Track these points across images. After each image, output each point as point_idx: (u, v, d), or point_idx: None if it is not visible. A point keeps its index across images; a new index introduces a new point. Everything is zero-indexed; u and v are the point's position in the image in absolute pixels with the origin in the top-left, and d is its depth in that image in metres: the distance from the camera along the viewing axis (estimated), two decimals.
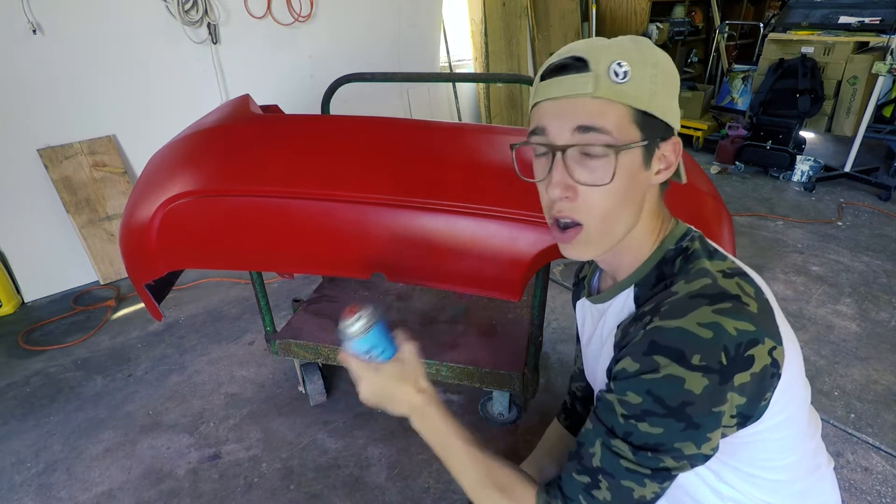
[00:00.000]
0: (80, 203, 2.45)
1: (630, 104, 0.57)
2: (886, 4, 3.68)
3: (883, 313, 2.20)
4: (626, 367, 0.56)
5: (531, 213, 1.09)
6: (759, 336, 0.53)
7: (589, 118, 0.57)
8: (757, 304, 0.56)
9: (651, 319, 0.56)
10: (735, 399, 0.53)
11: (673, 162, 0.62)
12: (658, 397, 0.53)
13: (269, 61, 2.94)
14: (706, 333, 0.52)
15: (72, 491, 1.49)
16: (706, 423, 0.53)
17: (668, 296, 0.58)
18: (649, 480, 0.56)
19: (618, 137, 0.57)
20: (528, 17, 4.01)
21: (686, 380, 0.52)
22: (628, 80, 0.56)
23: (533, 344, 1.46)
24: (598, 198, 0.59)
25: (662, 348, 0.54)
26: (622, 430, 0.56)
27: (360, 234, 1.16)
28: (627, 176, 0.59)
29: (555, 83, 0.59)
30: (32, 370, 1.98)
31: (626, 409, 0.56)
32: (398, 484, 1.48)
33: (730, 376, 0.52)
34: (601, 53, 0.57)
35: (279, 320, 2.15)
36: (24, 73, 2.22)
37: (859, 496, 1.44)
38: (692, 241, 0.64)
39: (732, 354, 0.52)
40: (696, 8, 5.16)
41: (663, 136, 0.60)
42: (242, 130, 1.29)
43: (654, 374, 0.54)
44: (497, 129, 1.31)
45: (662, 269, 0.64)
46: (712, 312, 0.53)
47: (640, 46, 0.59)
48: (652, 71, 0.58)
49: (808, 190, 3.48)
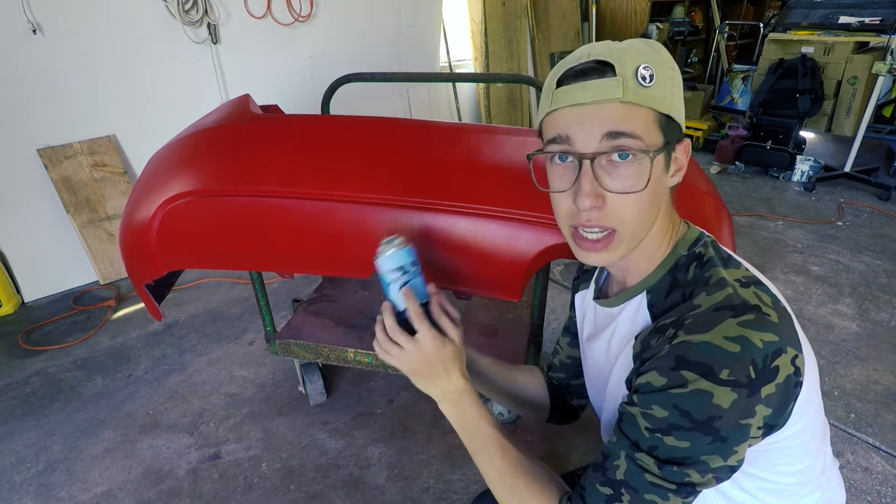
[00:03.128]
0: (80, 203, 2.45)
1: (656, 108, 0.56)
2: (886, 4, 3.68)
3: (883, 313, 2.20)
4: (651, 381, 0.55)
5: (531, 213, 1.09)
6: (782, 345, 0.53)
7: (619, 123, 0.55)
8: (777, 314, 0.55)
9: (676, 333, 0.55)
10: (762, 411, 0.53)
11: (684, 164, 0.62)
12: (685, 411, 0.53)
13: (269, 61, 2.94)
14: (734, 347, 0.51)
15: (72, 491, 1.49)
16: (734, 436, 0.53)
17: (690, 308, 0.56)
18: (673, 495, 0.55)
19: (647, 142, 0.56)
20: (528, 17, 4.01)
21: (714, 394, 0.51)
22: (654, 84, 0.55)
23: (533, 344, 1.46)
24: (629, 205, 0.57)
25: (690, 363, 0.52)
26: (647, 443, 0.55)
27: (360, 234, 1.16)
28: (655, 181, 0.58)
29: (578, 88, 0.56)
30: (32, 370, 1.98)
31: (651, 422, 0.55)
32: (398, 484, 1.48)
33: (757, 389, 0.52)
34: (624, 57, 0.55)
35: (279, 320, 2.15)
36: (24, 73, 2.22)
37: (859, 496, 1.44)
38: (705, 246, 0.63)
39: (760, 367, 0.52)
40: (696, 8, 5.17)
41: (678, 139, 0.60)
42: (242, 130, 1.29)
43: (682, 389, 0.52)
44: (497, 129, 1.31)
45: (676, 275, 0.62)
46: (738, 325, 0.52)
47: (657, 49, 0.59)
48: (671, 73, 0.58)
49: (808, 190, 3.48)
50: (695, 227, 0.67)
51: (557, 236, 1.08)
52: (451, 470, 1.52)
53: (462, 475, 1.50)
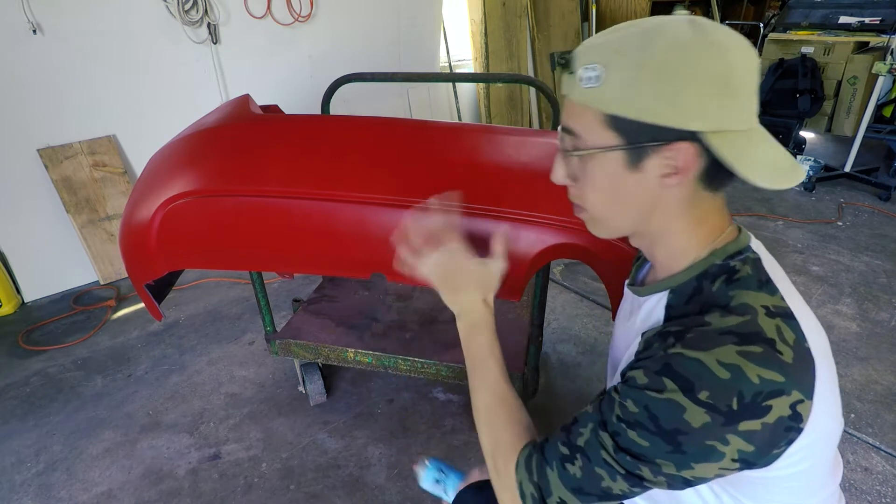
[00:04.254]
0: (80, 203, 2.45)
1: (600, 108, 0.56)
2: (886, 4, 3.68)
3: (883, 313, 2.20)
4: (635, 377, 0.56)
5: (531, 213, 1.09)
6: (785, 388, 0.50)
7: (567, 118, 0.60)
8: (793, 354, 0.52)
9: (674, 343, 0.55)
10: (738, 443, 0.51)
11: (682, 167, 0.55)
12: (654, 415, 0.53)
13: (269, 61, 2.94)
14: (723, 374, 0.50)
15: (72, 491, 1.49)
16: (694, 453, 0.52)
17: (698, 323, 0.55)
18: (621, 478, 0.56)
19: (588, 140, 0.58)
20: (528, 17, 4.01)
21: (687, 409, 0.51)
22: (600, 85, 0.55)
23: (533, 344, 1.46)
24: (586, 193, 0.62)
25: (674, 374, 0.52)
26: (612, 427, 0.57)
27: (360, 234, 1.16)
28: (607, 178, 0.59)
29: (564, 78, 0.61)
30: (32, 370, 1.98)
31: (622, 412, 0.56)
32: (398, 484, 1.48)
33: (735, 421, 0.50)
34: (586, 54, 0.57)
35: (279, 320, 2.15)
36: (23, 73, 2.22)
37: (859, 496, 1.44)
38: (744, 262, 0.58)
39: (747, 401, 0.50)
40: (696, 8, 5.16)
41: (661, 140, 0.54)
42: (242, 130, 1.29)
43: (657, 394, 0.53)
44: (497, 129, 1.31)
45: (702, 282, 0.60)
46: (737, 353, 0.50)
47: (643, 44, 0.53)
48: (639, 73, 0.52)
49: (808, 190, 3.48)
50: (745, 238, 0.62)
51: (557, 236, 1.08)
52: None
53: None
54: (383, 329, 1.68)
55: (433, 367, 1.53)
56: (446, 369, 1.53)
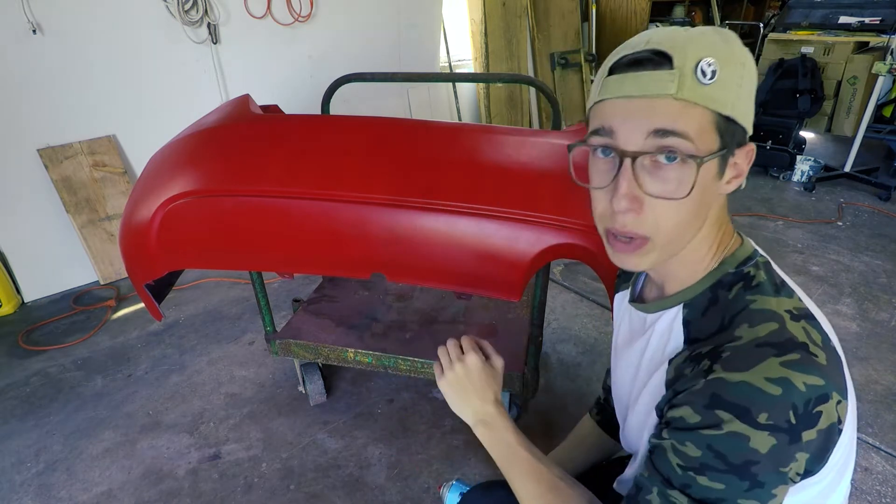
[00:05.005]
0: (80, 203, 2.45)
1: (715, 108, 0.50)
2: (886, 4, 3.68)
3: (883, 313, 2.20)
4: (684, 417, 0.52)
5: (531, 213, 1.09)
6: (828, 391, 0.49)
7: (669, 121, 0.50)
8: (825, 355, 0.51)
9: (712, 367, 0.51)
10: (803, 457, 0.50)
11: (744, 170, 0.56)
12: (720, 453, 0.49)
13: (269, 61, 2.94)
14: (774, 390, 0.47)
15: (72, 491, 1.49)
16: (772, 480, 0.49)
17: (730, 339, 0.52)
18: None
19: (699, 146, 0.51)
20: (528, 17, 4.01)
21: (752, 438, 0.48)
22: (715, 81, 0.50)
23: (533, 344, 1.46)
24: (669, 212, 0.53)
25: (726, 403, 0.49)
26: (680, 481, 0.52)
27: (360, 234, 1.16)
28: (702, 187, 0.52)
29: (630, 79, 0.51)
30: (32, 370, 1.98)
31: (684, 459, 0.51)
32: (398, 484, 1.48)
33: (798, 434, 0.48)
34: (687, 47, 0.50)
35: (279, 320, 2.15)
36: (23, 73, 2.22)
37: (859, 496, 1.44)
38: (756, 267, 0.57)
39: (801, 412, 0.48)
40: (696, 8, 5.16)
41: (740, 143, 0.54)
42: (242, 130, 1.29)
43: (717, 431, 0.49)
44: (497, 129, 1.31)
45: (717, 292, 0.58)
46: (780, 365, 0.48)
47: (728, 40, 0.52)
48: (740, 70, 0.51)
49: (808, 190, 3.48)
50: (749, 243, 0.61)
51: (557, 236, 1.08)
52: (451, 470, 1.52)
53: (462, 475, 1.50)
54: (383, 329, 1.68)
55: (433, 367, 1.52)
56: None
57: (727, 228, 0.61)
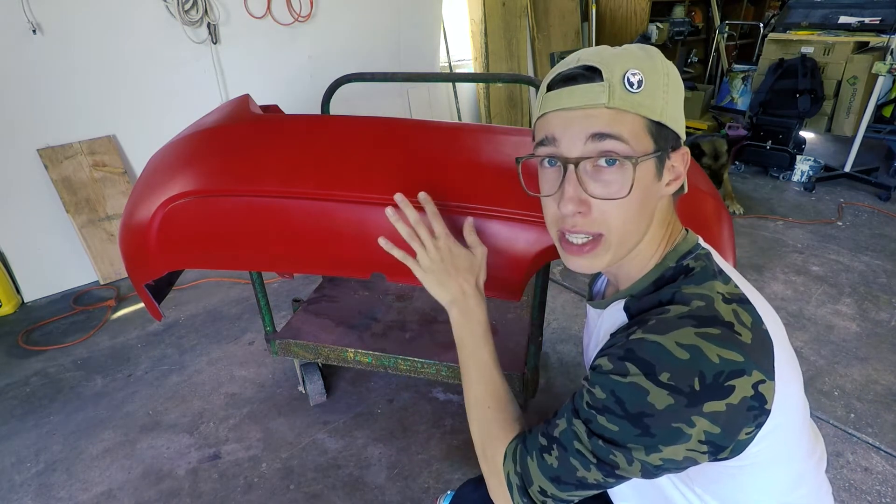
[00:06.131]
0: (80, 203, 2.45)
1: (644, 114, 0.56)
2: (886, 4, 3.68)
3: (883, 313, 2.20)
4: (601, 364, 0.58)
5: (531, 213, 1.09)
6: (746, 367, 0.52)
7: (605, 126, 0.56)
8: (752, 335, 0.54)
9: (636, 330, 0.56)
10: (704, 425, 0.52)
11: (682, 173, 0.61)
12: (620, 399, 0.54)
13: (269, 61, 2.94)
14: (682, 354, 0.52)
15: (72, 491, 1.49)
16: (663, 436, 0.53)
17: (658, 312, 0.57)
18: (594, 468, 0.57)
19: (634, 147, 0.56)
20: (528, 17, 4.01)
21: (650, 392, 0.52)
22: (642, 90, 0.55)
23: (533, 344, 1.46)
24: (614, 211, 0.58)
25: (636, 358, 0.54)
26: (584, 414, 0.58)
27: (360, 234, 1.16)
28: (642, 188, 0.57)
29: (566, 93, 0.57)
30: (32, 370, 1.98)
31: (591, 399, 0.57)
32: (398, 484, 1.48)
33: (699, 402, 0.51)
34: (613, 62, 0.56)
35: (279, 320, 2.15)
36: (23, 73, 2.22)
37: (859, 496, 1.44)
38: (696, 259, 0.62)
39: (709, 382, 0.51)
40: (696, 8, 5.17)
41: (673, 147, 0.60)
42: (242, 130, 1.29)
43: (621, 378, 0.54)
44: (497, 128, 1.31)
45: (660, 284, 0.63)
46: (695, 335, 0.52)
47: (651, 55, 0.58)
48: (664, 80, 0.57)
49: (808, 190, 3.48)
50: (693, 237, 0.66)
51: None
52: (451, 470, 1.52)
53: (462, 475, 1.50)
54: (383, 329, 1.68)
55: (433, 367, 1.53)
56: (446, 369, 1.52)
57: (675, 227, 0.66)
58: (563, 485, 0.60)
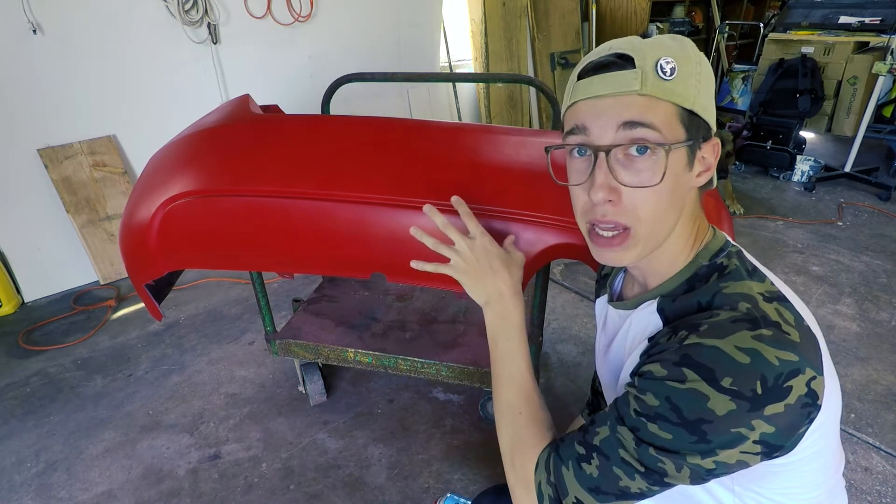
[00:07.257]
0: (80, 203, 2.45)
1: (677, 102, 0.55)
2: (886, 4, 3.68)
3: (883, 313, 2.20)
4: (652, 371, 0.55)
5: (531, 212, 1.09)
6: (801, 366, 0.51)
7: (637, 114, 0.55)
8: (799, 333, 0.53)
9: (688, 335, 0.54)
10: (762, 427, 0.51)
11: (712, 164, 0.60)
12: (676, 406, 0.52)
13: (269, 61, 2.94)
14: (743, 358, 0.50)
15: (72, 491, 1.49)
16: (720, 441, 0.51)
17: (709, 316, 0.55)
18: (640, 477, 0.55)
19: (666, 135, 0.55)
20: (528, 17, 4.01)
21: (711, 398, 0.50)
22: (675, 77, 0.55)
23: (533, 344, 1.46)
24: (645, 200, 0.57)
25: (694, 363, 0.52)
26: (631, 422, 0.56)
27: (360, 234, 1.16)
28: (673, 177, 0.56)
29: (597, 81, 0.56)
30: (32, 370, 1.98)
31: (641, 407, 0.55)
32: (398, 484, 1.48)
33: (761, 406, 0.50)
34: (646, 50, 0.55)
35: (279, 320, 2.15)
36: (23, 73, 2.22)
37: (859, 496, 1.44)
38: (729, 257, 0.61)
39: (770, 385, 0.50)
40: (696, 8, 5.16)
41: (705, 137, 0.59)
42: (242, 130, 1.29)
43: (679, 384, 0.52)
44: (497, 128, 1.31)
45: (693, 283, 0.61)
46: (752, 338, 0.51)
47: (683, 45, 0.57)
48: (697, 69, 0.56)
49: (808, 190, 3.48)
50: (721, 235, 0.64)
51: (558, 236, 1.08)
52: (451, 470, 1.52)
53: (462, 475, 1.50)
54: (383, 329, 1.68)
55: (433, 367, 1.53)
56: (446, 369, 1.52)
57: (702, 223, 0.64)
58: (603, 495, 0.57)
